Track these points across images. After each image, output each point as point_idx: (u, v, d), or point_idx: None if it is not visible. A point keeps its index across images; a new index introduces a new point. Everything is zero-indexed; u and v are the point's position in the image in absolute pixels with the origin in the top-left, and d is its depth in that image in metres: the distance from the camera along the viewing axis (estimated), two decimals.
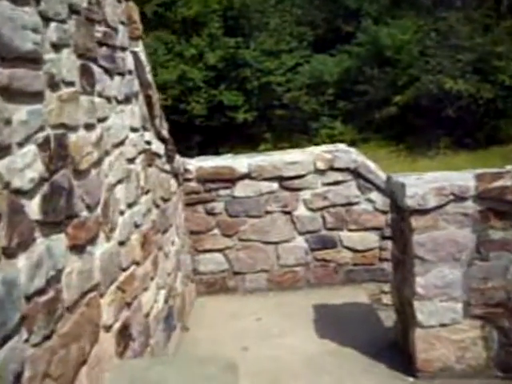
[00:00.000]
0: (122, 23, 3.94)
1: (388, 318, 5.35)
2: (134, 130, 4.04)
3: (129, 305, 3.56)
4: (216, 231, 6.31)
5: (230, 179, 6.18)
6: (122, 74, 3.85)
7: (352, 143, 23.54)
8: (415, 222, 3.93)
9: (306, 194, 6.21)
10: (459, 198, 3.89)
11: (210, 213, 6.27)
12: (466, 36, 24.59)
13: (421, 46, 25.62)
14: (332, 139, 24.89)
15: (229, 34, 26.65)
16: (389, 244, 5.95)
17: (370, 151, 22.25)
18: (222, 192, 6.21)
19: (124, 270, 3.51)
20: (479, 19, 25.65)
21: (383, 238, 6.23)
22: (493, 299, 3.97)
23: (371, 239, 6.29)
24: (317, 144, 23.01)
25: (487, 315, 3.99)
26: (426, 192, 3.88)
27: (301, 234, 6.29)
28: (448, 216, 3.92)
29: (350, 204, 6.23)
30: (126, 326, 3.47)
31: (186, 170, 6.17)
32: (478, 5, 27.01)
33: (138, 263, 3.84)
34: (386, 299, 6.15)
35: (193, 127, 25.37)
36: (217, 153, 18.99)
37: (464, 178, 3.99)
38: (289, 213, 6.24)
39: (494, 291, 3.96)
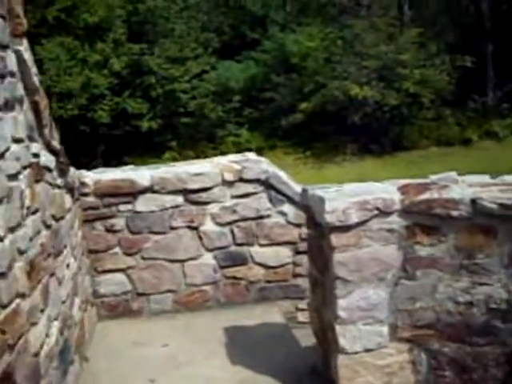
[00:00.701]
0: (2, 17, 3.41)
1: (305, 336, 4.97)
2: (17, 140, 3.50)
3: (11, 347, 3.03)
4: (117, 250, 5.78)
5: (131, 193, 5.68)
6: (1, 76, 3.32)
7: (258, 150, 23.41)
8: (336, 239, 3.56)
9: (213, 208, 5.77)
10: (383, 213, 3.54)
11: (110, 230, 5.74)
12: (371, 44, 24.92)
13: (327, 53, 25.83)
14: (238, 147, 24.70)
15: (133, 40, 26.10)
16: (303, 259, 5.62)
17: (277, 158, 22.11)
18: (123, 207, 5.69)
19: (4, 307, 2.98)
20: (384, 28, 26.05)
21: (297, 252, 5.87)
22: (421, 320, 3.64)
23: (284, 254, 5.91)
24: (223, 152, 22.83)
25: (415, 338, 3.66)
26: (348, 207, 3.51)
27: (209, 250, 5.85)
28: (372, 232, 3.56)
29: (261, 217, 5.83)
30: (9, 374, 2.94)
31: (83, 184, 5.63)
32: (382, 14, 27.41)
33: (23, 295, 3.31)
34: (302, 317, 5.81)
35: (97, 136, 24.71)
36: (121, 163, 18.41)
37: (388, 191, 3.64)
38: (195, 228, 5.78)
39: (422, 312, 3.64)
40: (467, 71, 25.09)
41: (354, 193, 3.66)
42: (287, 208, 5.81)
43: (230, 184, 5.75)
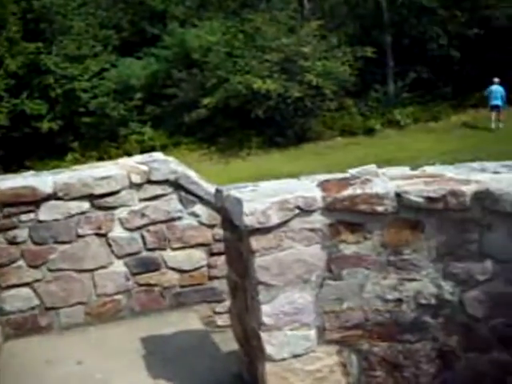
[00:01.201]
0: None
1: (225, 341, 4.77)
2: None
3: None
4: (21, 262, 5.38)
5: (33, 201, 5.29)
6: None
7: (163, 148, 23.13)
8: (256, 242, 3.35)
9: (121, 213, 5.45)
10: (305, 212, 3.35)
11: (13, 242, 5.33)
12: (272, 37, 24.94)
13: (228, 47, 25.67)
14: (142, 145, 24.38)
15: (29, 39, 25.28)
16: (217, 261, 5.46)
17: (182, 155, 21.86)
18: (25, 217, 5.29)
19: None
20: (284, 21, 26.13)
21: (211, 254, 5.64)
22: (349, 321, 3.48)
23: (198, 257, 5.66)
24: (127, 151, 22.38)
25: (344, 339, 3.50)
26: (267, 207, 3.30)
27: (119, 257, 5.53)
28: (294, 233, 3.37)
29: (172, 220, 5.56)
30: None
31: None
32: (282, 7, 27.48)
33: None
34: (221, 320, 5.61)
35: None
36: (22, 167, 17.72)
37: (309, 188, 3.46)
38: (104, 235, 5.45)
39: (350, 312, 3.48)
40: (368, 62, 25.50)
41: (272, 192, 3.46)
42: (199, 209, 5.56)
43: (137, 186, 5.46)
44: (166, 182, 5.50)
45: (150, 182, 5.47)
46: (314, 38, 25.58)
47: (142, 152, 23.69)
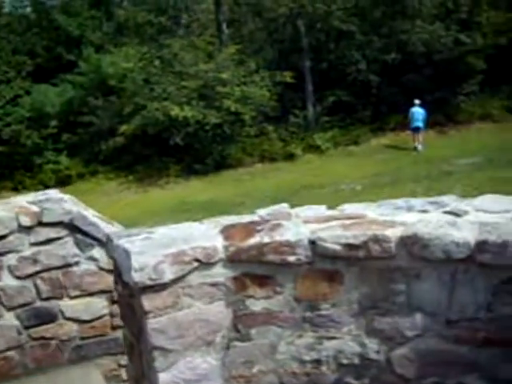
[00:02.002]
0: None
1: None
2: None
3: None
4: None
5: None
6: None
7: (80, 177, 22.40)
8: (148, 302, 2.83)
9: (10, 259, 4.86)
10: (205, 265, 2.85)
11: None
12: (190, 63, 24.56)
13: (145, 73, 25.15)
14: (58, 174, 23.63)
15: None
16: None
17: (99, 185, 21.17)
18: None
19: None
20: (202, 46, 25.85)
21: (113, 302, 5.09)
22: None
23: (99, 305, 5.12)
24: (43, 182, 21.50)
25: None
26: (160, 261, 2.79)
27: (9, 309, 4.93)
28: (192, 289, 2.87)
29: (69, 265, 5.00)
30: None
31: None
32: (200, 32, 27.21)
33: None
34: (126, 374, 5.06)
35: None
36: None
37: (209, 236, 2.96)
38: None
39: (261, 376, 2.99)
40: (287, 87, 25.39)
41: (168, 241, 2.95)
42: (98, 252, 5.01)
43: (27, 229, 4.88)
44: (59, 223, 4.93)
45: (41, 224, 4.90)
46: (233, 63, 25.31)
47: (58, 182, 23.02)
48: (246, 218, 3.18)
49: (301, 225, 2.98)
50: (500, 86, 29.30)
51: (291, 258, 2.84)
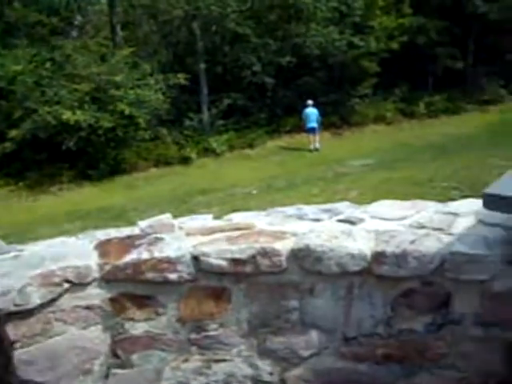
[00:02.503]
0: None
1: None
2: None
3: None
4: None
5: None
6: None
7: None
8: (14, 330, 2.52)
9: None
10: (78, 286, 2.57)
11: None
12: (82, 65, 23.78)
13: (36, 76, 24.16)
14: None
15: None
16: None
17: None
18: None
19: None
20: (96, 48, 25.10)
21: None
22: None
23: None
24: None
25: None
26: (26, 283, 2.48)
27: None
28: (64, 313, 2.57)
29: None
30: None
31: None
32: (94, 34, 26.51)
33: None
34: None
35: None
36: None
37: (83, 254, 2.66)
38: None
39: None
40: (182, 90, 25.03)
41: (36, 260, 2.64)
42: None
43: None
44: None
45: None
46: (127, 66, 24.72)
47: None
48: (124, 232, 2.90)
49: (183, 238, 2.72)
50: (393, 88, 30.01)
51: (172, 276, 2.59)
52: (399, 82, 30.17)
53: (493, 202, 2.28)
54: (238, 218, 3.02)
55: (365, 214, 2.91)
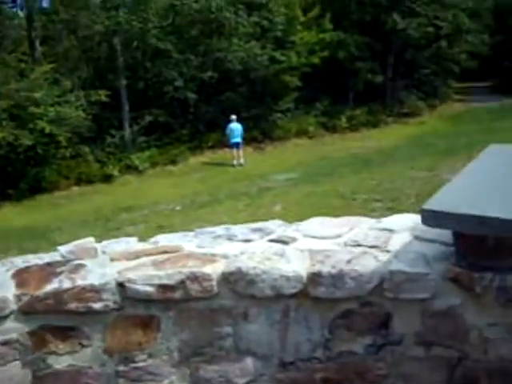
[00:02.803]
0: None
1: None
2: None
3: None
4: None
5: None
6: None
7: None
8: None
9: None
10: None
11: None
12: (0, 81, 23.09)
13: None
14: None
15: None
16: None
17: None
18: None
19: None
20: (14, 64, 24.40)
21: None
22: None
23: None
24: None
25: None
26: None
27: None
28: None
29: None
30: None
31: None
32: (12, 49, 25.82)
33: None
34: None
35: None
36: None
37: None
38: None
39: None
40: (104, 106, 24.65)
41: None
42: None
43: None
44: None
45: None
46: (46, 82, 24.14)
47: None
48: (45, 258, 2.71)
49: (107, 264, 2.56)
50: (314, 103, 30.34)
51: (97, 305, 2.42)
52: (321, 97, 30.51)
53: (432, 217, 2.20)
54: (165, 240, 2.86)
55: (297, 233, 2.81)
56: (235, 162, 24.68)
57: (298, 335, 2.47)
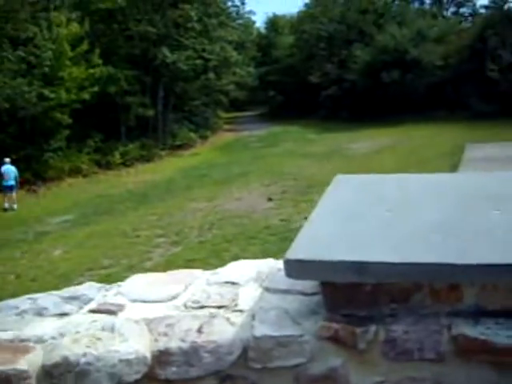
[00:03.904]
0: None
1: None
2: None
3: None
4: None
5: None
6: None
7: None
8: None
9: None
10: None
11: None
12: None
13: None
14: None
15: None
16: None
17: None
18: None
19: None
20: None
21: None
22: None
23: None
24: None
25: None
26: None
27: None
28: None
29: None
30: None
31: None
32: None
33: None
34: None
35: None
36: None
37: None
38: None
39: None
40: None
41: None
42: None
43: None
44: None
45: None
46: None
47: None
48: None
49: None
50: (87, 140, 29.52)
51: None
52: (93, 133, 29.82)
53: (299, 269, 1.82)
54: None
55: (122, 298, 2.29)
56: (7, 206, 23.27)
57: None
